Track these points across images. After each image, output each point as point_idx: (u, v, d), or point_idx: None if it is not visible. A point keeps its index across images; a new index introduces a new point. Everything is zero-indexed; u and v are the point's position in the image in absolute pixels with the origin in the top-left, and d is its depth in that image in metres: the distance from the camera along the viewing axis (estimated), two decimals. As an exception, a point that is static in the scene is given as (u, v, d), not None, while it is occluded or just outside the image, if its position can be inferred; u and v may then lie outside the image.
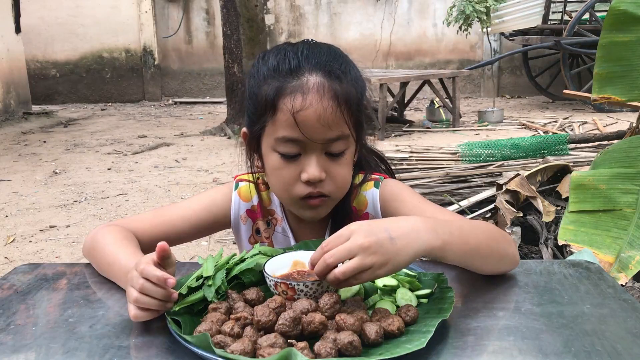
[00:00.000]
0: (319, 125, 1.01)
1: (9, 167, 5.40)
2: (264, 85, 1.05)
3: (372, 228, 0.81)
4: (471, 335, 0.80)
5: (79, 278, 1.05)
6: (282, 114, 1.02)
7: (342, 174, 1.08)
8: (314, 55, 1.05)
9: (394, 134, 6.52)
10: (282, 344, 0.74)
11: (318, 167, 1.03)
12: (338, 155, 1.06)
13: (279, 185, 1.09)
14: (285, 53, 1.06)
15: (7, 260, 3.11)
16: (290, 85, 1.02)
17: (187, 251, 3.10)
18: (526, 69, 9.22)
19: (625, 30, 2.17)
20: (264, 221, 1.23)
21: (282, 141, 1.03)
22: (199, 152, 5.88)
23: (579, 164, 3.53)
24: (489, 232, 0.98)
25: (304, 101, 1.00)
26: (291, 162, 1.05)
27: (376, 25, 10.24)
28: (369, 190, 1.18)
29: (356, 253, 0.79)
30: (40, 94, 9.93)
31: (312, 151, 1.03)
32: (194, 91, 10.68)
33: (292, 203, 1.10)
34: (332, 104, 1.01)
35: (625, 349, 0.75)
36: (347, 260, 0.79)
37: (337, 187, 1.08)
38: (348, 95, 1.04)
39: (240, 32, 6.59)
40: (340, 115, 1.02)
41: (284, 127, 1.02)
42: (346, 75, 1.05)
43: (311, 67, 1.03)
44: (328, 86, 1.02)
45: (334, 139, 1.03)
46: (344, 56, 1.10)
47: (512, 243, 1.01)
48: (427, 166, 3.88)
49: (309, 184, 1.04)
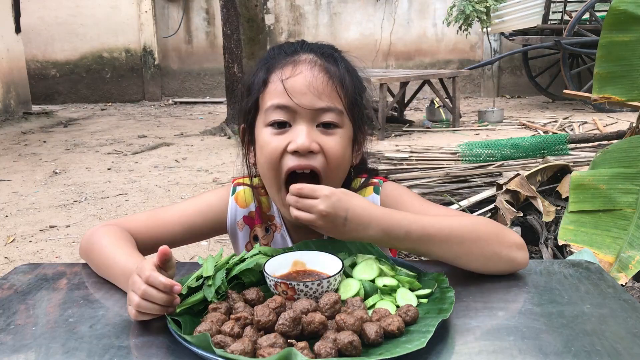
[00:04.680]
0: (308, 91, 1.01)
1: (9, 167, 5.40)
2: (258, 70, 1.08)
3: (338, 202, 0.93)
4: (471, 335, 0.80)
5: (78, 278, 1.05)
6: (272, 84, 1.04)
7: (334, 148, 1.02)
8: (310, 44, 1.10)
9: (394, 134, 6.52)
10: (282, 344, 0.74)
11: (308, 137, 1.00)
12: (330, 127, 1.03)
13: (268, 162, 1.04)
14: (282, 45, 1.11)
15: (7, 260, 3.11)
16: (283, 62, 1.05)
17: (187, 251, 3.10)
18: (526, 69, 9.22)
19: (625, 30, 2.17)
20: (263, 227, 1.19)
21: (272, 109, 1.03)
22: (199, 152, 5.88)
23: (579, 164, 3.53)
24: (477, 230, 0.96)
25: (294, 70, 1.03)
26: (280, 134, 1.02)
27: (376, 25, 10.24)
28: (369, 196, 1.14)
29: (314, 213, 0.92)
30: (40, 94, 9.93)
31: (302, 121, 1.02)
32: (194, 91, 10.68)
33: (280, 194, 1.05)
34: (324, 75, 1.03)
35: (625, 349, 0.75)
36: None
37: (329, 162, 1.02)
38: (342, 75, 1.05)
39: (240, 32, 6.58)
40: (332, 88, 1.03)
41: (273, 95, 1.03)
42: (341, 62, 1.08)
43: (306, 50, 1.07)
44: (321, 62, 1.05)
45: (324, 109, 1.02)
46: (343, 54, 1.12)
47: (509, 246, 0.97)
48: (427, 166, 3.87)
49: (298, 155, 1.01)
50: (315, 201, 0.92)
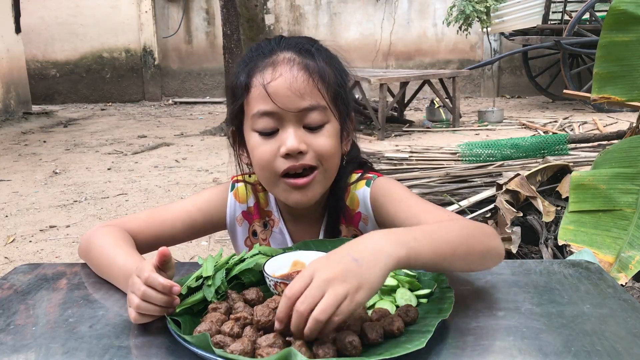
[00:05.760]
0: (290, 93, 1.01)
1: (9, 167, 5.40)
2: (239, 73, 1.08)
3: (332, 258, 0.76)
4: (471, 335, 0.80)
5: (78, 278, 1.05)
6: (255, 89, 1.03)
7: (323, 143, 1.04)
8: (287, 40, 1.09)
9: (394, 134, 6.52)
10: (282, 344, 0.74)
11: (296, 139, 1.01)
12: (317, 128, 1.04)
13: (261, 165, 1.06)
14: (259, 44, 1.10)
15: (7, 260, 3.11)
16: (262, 63, 1.04)
17: (187, 251, 3.10)
18: (526, 69, 9.21)
19: (625, 30, 2.17)
20: (261, 223, 1.21)
21: (258, 116, 1.03)
22: (199, 152, 5.88)
23: (579, 164, 3.53)
24: (466, 230, 0.94)
25: (274, 73, 1.02)
26: (270, 139, 1.04)
27: (376, 25, 10.24)
28: (361, 189, 1.16)
29: (326, 288, 0.72)
30: (40, 94, 9.92)
31: (288, 124, 1.02)
32: (194, 91, 10.68)
33: (275, 185, 1.07)
34: (303, 74, 1.02)
35: (625, 349, 0.75)
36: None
37: (321, 157, 1.04)
38: (322, 69, 1.04)
39: (240, 32, 6.59)
40: (313, 85, 1.02)
41: (257, 101, 1.03)
42: (319, 54, 1.07)
43: (283, 48, 1.06)
44: (299, 60, 1.04)
45: (308, 109, 1.02)
46: (321, 44, 1.12)
47: (493, 236, 0.96)
48: (427, 166, 3.87)
49: (289, 157, 1.02)
50: (313, 282, 0.73)
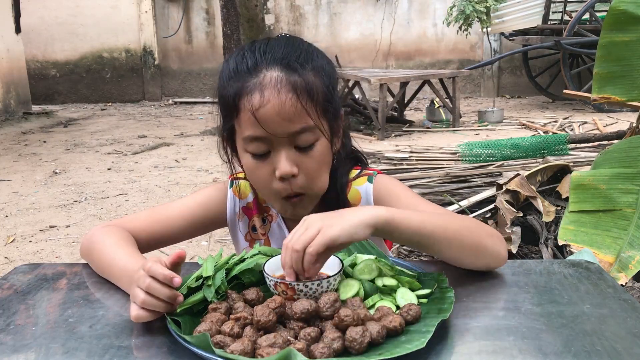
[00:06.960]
0: (279, 119, 1.00)
1: (9, 167, 5.40)
2: (227, 87, 1.05)
3: (325, 214, 0.90)
4: (471, 335, 0.80)
5: (78, 278, 1.05)
6: (244, 113, 1.02)
7: (314, 168, 1.05)
8: (271, 50, 1.04)
9: (394, 134, 6.52)
10: (282, 344, 0.74)
11: (288, 162, 1.02)
12: (307, 148, 1.04)
13: (258, 185, 1.11)
14: (244, 53, 1.06)
15: (7, 260, 3.11)
16: (249, 84, 1.02)
17: (187, 251, 3.08)
18: (526, 69, 9.21)
19: (625, 30, 2.17)
20: (260, 218, 1.23)
21: (249, 140, 1.03)
22: (199, 152, 5.88)
23: (579, 164, 3.53)
24: (465, 222, 0.98)
25: (262, 98, 1.00)
26: (263, 161, 1.04)
27: (376, 25, 10.24)
28: (363, 185, 1.17)
29: (307, 227, 0.87)
30: (40, 94, 9.92)
31: (280, 147, 1.02)
32: (194, 91, 10.67)
33: (274, 200, 1.10)
34: (291, 97, 1.00)
35: (625, 349, 0.75)
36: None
37: (309, 183, 1.06)
38: (309, 85, 1.02)
39: (240, 32, 6.59)
40: (301, 107, 1.01)
41: (247, 126, 1.02)
42: (306, 66, 1.04)
43: (268, 63, 1.02)
44: (285, 79, 1.01)
45: (298, 132, 1.02)
46: (305, 47, 1.08)
47: (496, 238, 1.00)
48: (427, 166, 3.87)
49: (284, 180, 1.04)
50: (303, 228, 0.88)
